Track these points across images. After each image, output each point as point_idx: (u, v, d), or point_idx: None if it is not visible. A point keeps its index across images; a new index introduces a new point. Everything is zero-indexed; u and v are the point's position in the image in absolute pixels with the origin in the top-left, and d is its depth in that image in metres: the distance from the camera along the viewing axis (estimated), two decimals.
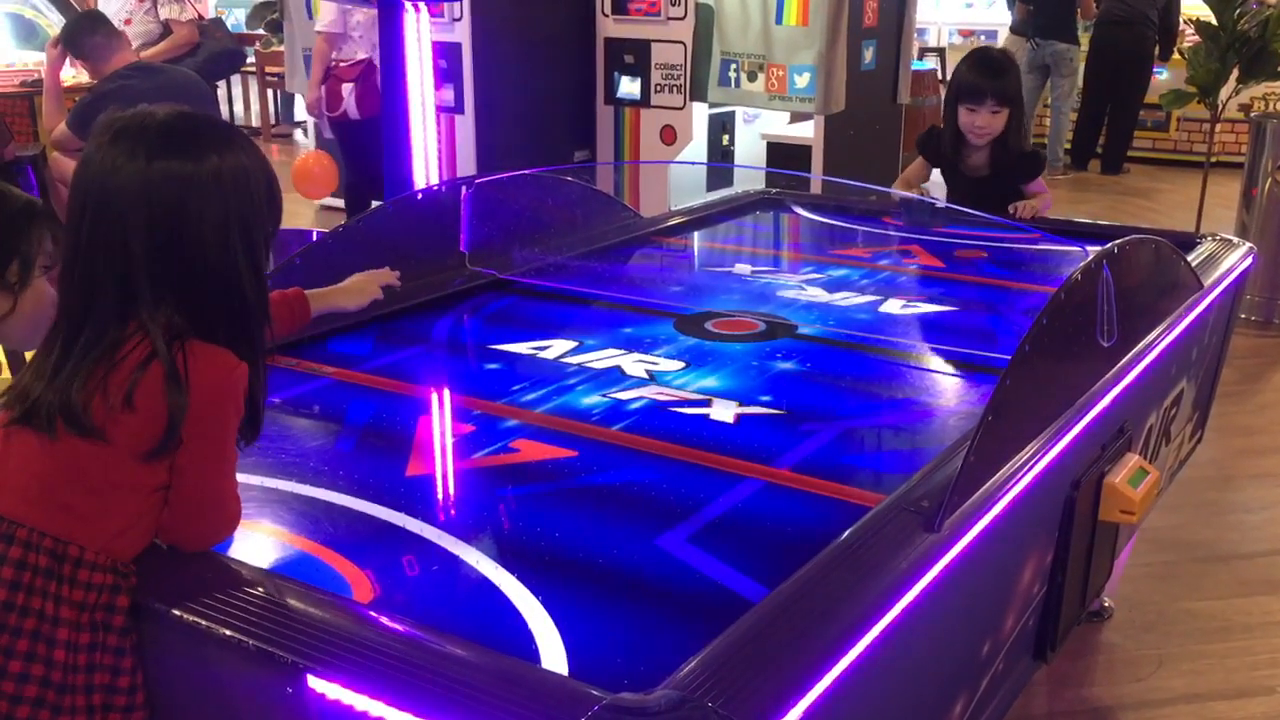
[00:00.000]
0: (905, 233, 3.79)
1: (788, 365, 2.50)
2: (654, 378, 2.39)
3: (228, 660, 1.37)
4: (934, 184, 4.00)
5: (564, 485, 1.94)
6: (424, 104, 4.23)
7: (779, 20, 5.91)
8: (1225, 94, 5.89)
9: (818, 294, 3.02)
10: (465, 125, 6.00)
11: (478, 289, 2.99)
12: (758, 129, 6.85)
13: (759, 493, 1.90)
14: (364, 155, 5.36)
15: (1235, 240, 3.19)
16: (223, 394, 1.49)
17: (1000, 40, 9.60)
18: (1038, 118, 9.21)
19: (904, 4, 6.64)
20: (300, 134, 10.14)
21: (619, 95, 6.40)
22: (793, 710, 1.23)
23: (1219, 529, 3.59)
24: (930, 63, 9.58)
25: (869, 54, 6.38)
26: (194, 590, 1.43)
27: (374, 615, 1.41)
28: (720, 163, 6.63)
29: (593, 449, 2.06)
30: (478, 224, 3.07)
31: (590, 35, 6.38)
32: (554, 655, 1.44)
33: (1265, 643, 2.98)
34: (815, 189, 5.61)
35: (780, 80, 5.98)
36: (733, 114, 6.67)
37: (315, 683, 1.28)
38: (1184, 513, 3.58)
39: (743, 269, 3.35)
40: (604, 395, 2.29)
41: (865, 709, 1.44)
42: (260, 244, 1.55)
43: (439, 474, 2.03)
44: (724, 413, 2.21)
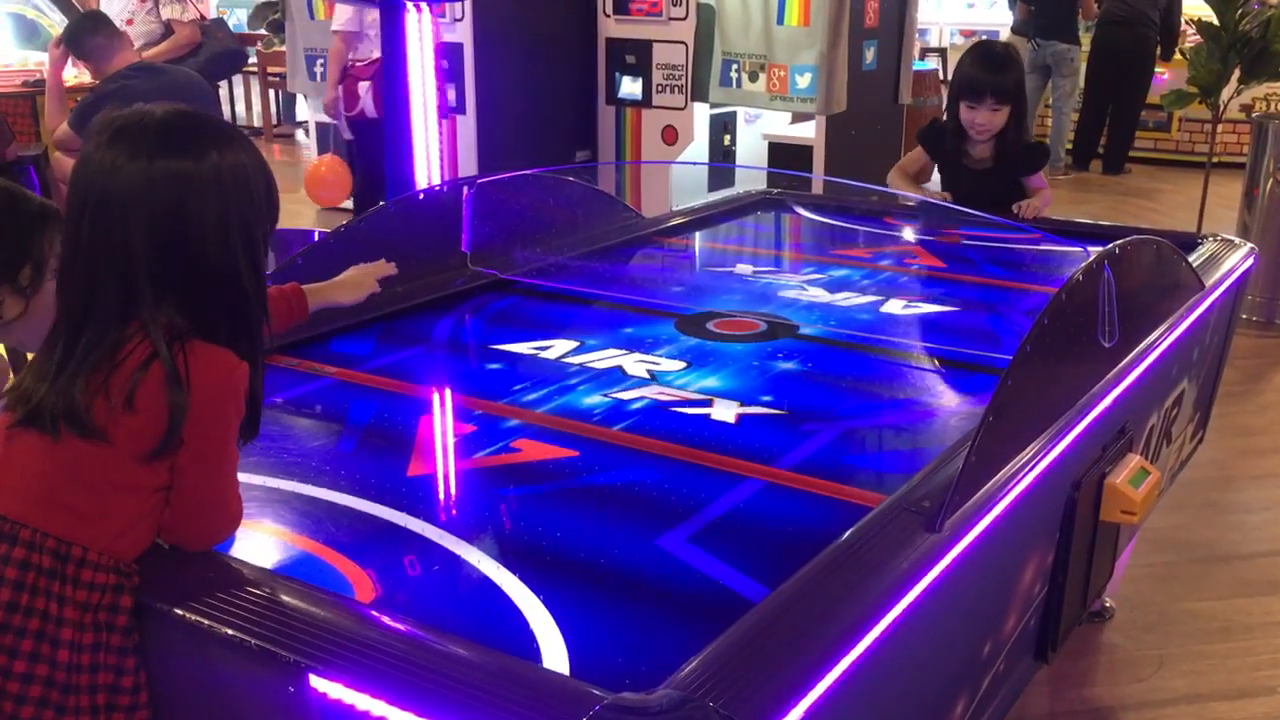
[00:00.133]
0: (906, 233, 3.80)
1: (789, 365, 2.50)
2: (655, 378, 2.39)
3: (230, 660, 1.37)
4: (934, 184, 4.00)
5: (565, 485, 1.94)
6: (425, 104, 4.23)
7: (780, 20, 5.91)
8: (1227, 94, 5.89)
9: (819, 294, 3.02)
10: (467, 125, 5.99)
11: (479, 289, 2.99)
12: (759, 129, 6.84)
13: (760, 493, 1.90)
14: (382, 154, 5.34)
15: (1236, 241, 3.19)
16: (224, 394, 1.49)
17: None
18: (1039, 118, 9.20)
19: (905, 4, 6.64)
20: (301, 134, 10.13)
21: (620, 95, 6.40)
22: (794, 710, 1.23)
23: (1220, 529, 3.59)
24: (932, 63, 9.59)
25: (870, 54, 6.38)
26: (197, 590, 1.43)
27: (376, 615, 1.41)
28: (722, 163, 6.62)
29: (594, 449, 2.07)
30: (479, 224, 3.07)
31: (592, 35, 6.38)
32: (555, 655, 1.44)
33: (1266, 643, 2.98)
34: (817, 189, 5.61)
35: (781, 80, 5.98)
36: (734, 114, 6.66)
37: (317, 682, 1.29)
38: (1185, 513, 3.58)
39: (744, 269, 3.35)
40: (605, 395, 2.30)
41: (866, 709, 1.44)
42: (260, 242, 1.55)
43: (441, 474, 2.03)
44: (725, 413, 2.21)
